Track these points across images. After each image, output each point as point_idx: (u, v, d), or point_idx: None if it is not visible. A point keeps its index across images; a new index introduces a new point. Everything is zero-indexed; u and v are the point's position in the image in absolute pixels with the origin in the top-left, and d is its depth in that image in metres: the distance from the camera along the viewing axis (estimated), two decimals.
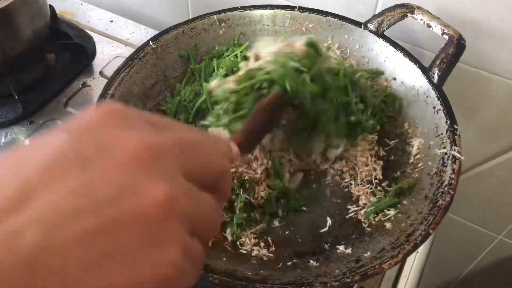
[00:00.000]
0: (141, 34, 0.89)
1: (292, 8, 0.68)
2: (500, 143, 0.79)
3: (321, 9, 0.68)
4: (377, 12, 0.71)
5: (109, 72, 0.80)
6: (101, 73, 0.81)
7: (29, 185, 0.19)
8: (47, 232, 0.18)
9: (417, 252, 0.68)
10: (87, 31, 0.87)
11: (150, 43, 0.64)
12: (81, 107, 0.75)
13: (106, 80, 0.75)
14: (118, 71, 0.61)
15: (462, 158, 0.53)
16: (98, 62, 0.83)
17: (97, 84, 0.79)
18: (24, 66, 0.75)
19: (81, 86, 0.79)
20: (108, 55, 0.84)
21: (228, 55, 0.66)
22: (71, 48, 0.82)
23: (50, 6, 0.80)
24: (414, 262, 0.67)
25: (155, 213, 0.20)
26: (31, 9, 0.70)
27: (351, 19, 0.67)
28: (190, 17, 0.68)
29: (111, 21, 0.91)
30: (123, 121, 0.23)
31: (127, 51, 0.83)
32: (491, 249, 1.01)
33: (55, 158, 0.20)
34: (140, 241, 0.20)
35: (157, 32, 0.67)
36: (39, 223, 0.18)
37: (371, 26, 0.65)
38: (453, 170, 0.52)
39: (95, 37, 0.87)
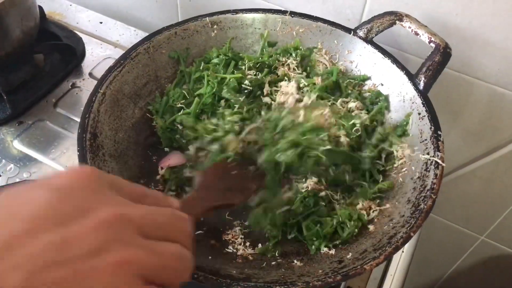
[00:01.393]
0: (130, 36, 0.89)
1: (284, 12, 0.69)
2: (482, 146, 0.81)
3: (309, 13, 0.69)
4: (364, 16, 0.73)
5: (99, 73, 0.80)
6: (90, 74, 0.81)
7: (14, 236, 0.23)
8: (26, 278, 0.22)
9: (402, 251, 0.69)
10: (76, 32, 0.87)
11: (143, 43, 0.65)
12: (70, 108, 0.76)
13: (95, 81, 0.76)
14: (110, 70, 0.62)
15: (444, 164, 0.54)
16: (88, 63, 0.83)
17: (86, 85, 0.79)
18: (12, 66, 0.75)
19: (70, 87, 0.79)
20: (98, 56, 0.84)
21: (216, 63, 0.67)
22: (60, 49, 0.82)
23: (39, 7, 0.80)
24: (399, 262, 0.68)
25: (112, 269, 0.24)
26: (20, 9, 0.70)
27: (341, 25, 0.68)
28: (180, 20, 0.69)
29: (101, 23, 0.91)
30: (98, 188, 0.27)
31: (117, 53, 0.84)
32: (474, 250, 1.04)
33: (39, 214, 0.24)
34: None
35: (146, 34, 0.67)
36: (20, 271, 0.22)
37: (361, 33, 0.66)
38: (436, 175, 0.54)
39: (84, 38, 0.87)
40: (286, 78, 0.66)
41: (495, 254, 1.01)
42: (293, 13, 0.69)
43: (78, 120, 0.72)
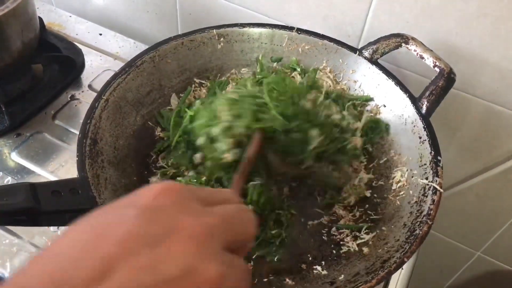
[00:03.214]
0: (130, 48, 0.88)
1: (290, 29, 0.70)
2: (479, 163, 0.81)
3: (310, 29, 0.70)
4: (364, 33, 0.73)
5: (98, 85, 0.80)
6: (89, 86, 0.81)
7: (108, 259, 0.23)
8: None
9: (402, 268, 0.69)
10: (76, 44, 0.87)
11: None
12: (69, 120, 0.75)
13: (94, 93, 0.75)
14: (115, 76, 0.62)
15: (442, 190, 0.54)
16: (87, 75, 0.83)
17: (85, 97, 0.79)
18: (11, 77, 0.75)
19: (69, 99, 0.78)
20: (97, 68, 0.84)
21: None
22: (60, 61, 0.82)
23: (39, 18, 0.79)
24: (399, 278, 0.68)
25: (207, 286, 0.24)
26: (21, 20, 0.70)
27: (347, 44, 0.68)
28: (179, 32, 0.70)
29: (100, 34, 0.91)
30: (182, 202, 0.27)
31: (116, 65, 0.83)
32: (470, 265, 1.04)
33: (129, 237, 0.24)
34: None
35: (146, 46, 0.68)
36: None
37: (366, 53, 0.67)
38: (433, 201, 0.53)
39: (84, 50, 0.86)
40: None
41: (491, 270, 1.01)
42: (299, 30, 0.70)
43: (77, 132, 0.72)
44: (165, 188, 0.28)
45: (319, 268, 0.54)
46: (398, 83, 0.65)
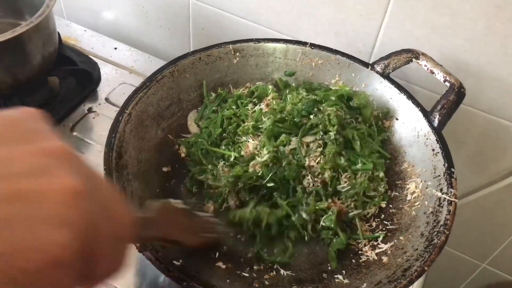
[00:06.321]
0: (145, 62, 0.89)
1: (304, 44, 0.72)
2: (485, 176, 0.84)
3: (322, 44, 0.72)
4: (375, 49, 0.76)
5: (115, 98, 0.82)
6: (106, 99, 0.82)
7: None
8: None
9: None
10: (92, 57, 0.88)
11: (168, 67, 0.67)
12: (86, 132, 0.77)
13: (112, 106, 0.77)
14: (136, 91, 0.64)
15: (456, 201, 0.56)
16: (103, 88, 0.84)
17: (102, 110, 0.80)
18: (30, 90, 0.76)
19: (86, 112, 0.80)
20: (113, 81, 0.85)
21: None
22: (77, 74, 0.83)
23: (57, 32, 0.81)
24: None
25: (63, 196, 0.22)
26: (44, 35, 0.71)
27: (359, 59, 0.71)
28: (192, 48, 0.71)
29: (115, 48, 0.93)
30: (47, 125, 0.26)
31: (132, 78, 0.85)
32: (475, 277, 1.05)
33: None
34: (42, 216, 0.21)
35: (161, 60, 0.69)
36: None
37: (378, 68, 0.69)
38: (449, 211, 0.56)
39: (100, 63, 0.88)
40: None
41: (496, 281, 1.03)
42: (313, 45, 0.72)
43: (95, 144, 0.74)
44: (31, 109, 0.27)
45: (340, 277, 0.55)
46: (410, 97, 0.67)
